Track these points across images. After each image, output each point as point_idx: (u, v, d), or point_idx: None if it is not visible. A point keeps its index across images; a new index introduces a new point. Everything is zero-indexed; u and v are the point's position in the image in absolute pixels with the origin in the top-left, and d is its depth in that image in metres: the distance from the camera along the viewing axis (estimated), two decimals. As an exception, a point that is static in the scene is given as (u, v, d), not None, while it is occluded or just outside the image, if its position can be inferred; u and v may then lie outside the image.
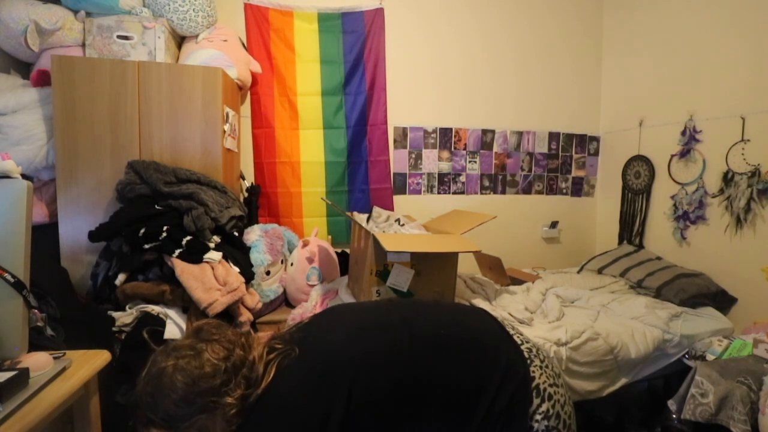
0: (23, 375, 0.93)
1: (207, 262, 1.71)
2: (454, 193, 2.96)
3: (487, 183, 3.01)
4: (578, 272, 2.73)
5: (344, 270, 2.32)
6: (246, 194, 2.48)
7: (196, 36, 2.24)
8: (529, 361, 0.95)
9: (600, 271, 2.62)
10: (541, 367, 0.95)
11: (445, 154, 2.91)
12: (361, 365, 0.87)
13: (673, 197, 2.58)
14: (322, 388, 0.83)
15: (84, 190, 1.87)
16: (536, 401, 0.90)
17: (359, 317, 1.03)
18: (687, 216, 2.48)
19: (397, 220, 2.23)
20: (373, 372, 0.87)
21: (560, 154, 3.13)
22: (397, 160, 2.83)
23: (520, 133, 3.03)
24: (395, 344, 0.93)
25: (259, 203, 2.55)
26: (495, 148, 2.99)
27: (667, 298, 2.16)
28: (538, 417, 0.89)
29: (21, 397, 0.89)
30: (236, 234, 2.03)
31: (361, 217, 2.21)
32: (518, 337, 1.03)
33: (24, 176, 1.09)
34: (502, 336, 1.01)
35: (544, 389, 0.91)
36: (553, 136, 3.10)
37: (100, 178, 1.88)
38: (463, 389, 0.89)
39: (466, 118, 2.92)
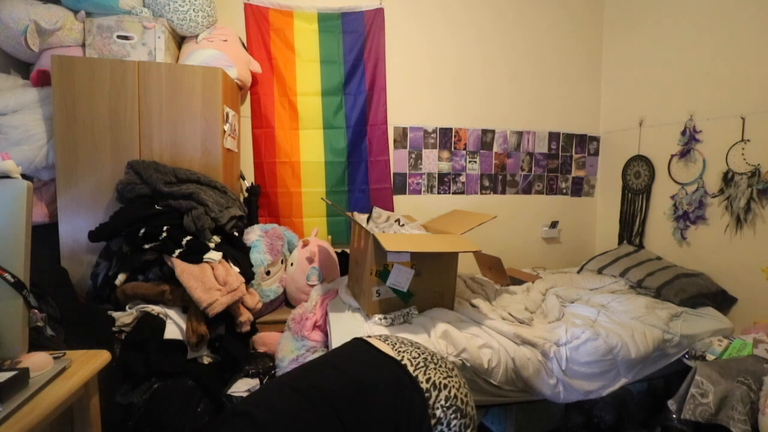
0: (23, 375, 0.93)
1: (207, 262, 1.71)
2: (454, 193, 2.96)
3: (487, 183, 3.01)
4: (578, 272, 2.73)
5: (344, 270, 2.33)
6: (246, 194, 2.48)
7: (196, 36, 2.24)
8: (424, 368, 1.11)
9: (600, 271, 2.62)
10: (435, 369, 1.12)
11: (445, 154, 2.91)
12: None
13: (673, 197, 2.58)
14: None
15: (84, 190, 1.87)
16: (435, 393, 1.06)
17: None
18: (687, 216, 2.48)
19: (397, 220, 2.23)
20: None
21: (560, 154, 3.13)
22: (397, 160, 2.83)
23: (520, 133, 3.03)
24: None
25: (259, 203, 2.55)
26: (495, 148, 2.99)
27: (667, 298, 2.16)
28: (438, 405, 1.04)
29: (21, 397, 0.89)
30: (236, 234, 2.04)
31: (361, 218, 2.20)
32: (412, 351, 1.17)
33: (24, 176, 1.09)
34: (381, 364, 1.13)
35: (440, 382, 1.08)
36: (553, 136, 3.10)
37: (100, 178, 1.88)
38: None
39: (466, 118, 2.92)
